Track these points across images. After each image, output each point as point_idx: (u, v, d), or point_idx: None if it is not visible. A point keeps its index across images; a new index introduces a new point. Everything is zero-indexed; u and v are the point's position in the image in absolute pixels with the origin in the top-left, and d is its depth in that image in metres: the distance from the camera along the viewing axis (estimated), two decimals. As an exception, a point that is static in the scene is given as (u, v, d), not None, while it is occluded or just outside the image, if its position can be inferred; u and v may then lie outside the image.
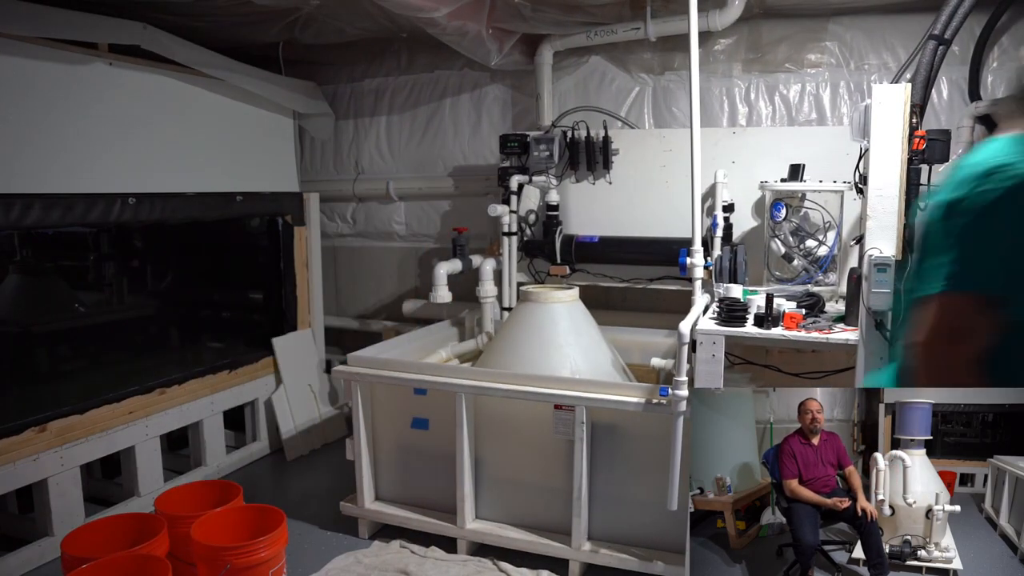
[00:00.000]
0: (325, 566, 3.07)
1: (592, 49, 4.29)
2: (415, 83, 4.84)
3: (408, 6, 3.28)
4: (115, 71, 3.48)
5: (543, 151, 3.95)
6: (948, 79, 3.72)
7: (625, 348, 3.64)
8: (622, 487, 2.94)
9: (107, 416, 3.42)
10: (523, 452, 3.09)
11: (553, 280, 4.07)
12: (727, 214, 3.58)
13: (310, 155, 5.19)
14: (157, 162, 3.69)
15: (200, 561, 2.50)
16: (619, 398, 2.78)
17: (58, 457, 3.18)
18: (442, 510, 3.24)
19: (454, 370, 3.18)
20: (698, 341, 2.66)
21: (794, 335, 2.59)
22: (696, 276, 3.00)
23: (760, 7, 3.87)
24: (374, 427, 3.36)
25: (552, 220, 4.04)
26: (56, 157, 3.21)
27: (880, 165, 2.39)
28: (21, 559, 3.07)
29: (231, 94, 4.13)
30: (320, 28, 4.18)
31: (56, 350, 4.15)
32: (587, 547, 2.95)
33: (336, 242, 5.24)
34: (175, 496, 2.94)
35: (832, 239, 3.15)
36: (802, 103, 4.00)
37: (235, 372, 4.19)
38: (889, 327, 2.41)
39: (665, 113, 4.24)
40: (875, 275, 2.32)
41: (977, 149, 1.33)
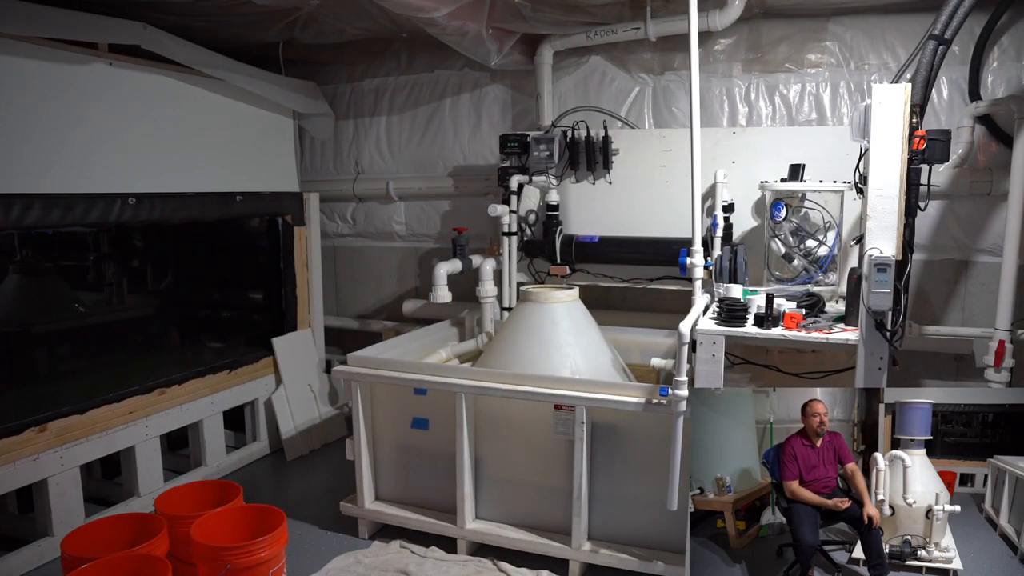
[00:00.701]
0: (325, 566, 3.07)
1: (592, 49, 4.30)
2: (415, 83, 4.84)
3: (408, 6, 3.28)
4: (115, 71, 3.48)
5: (543, 151, 3.95)
6: (948, 79, 3.72)
7: (625, 348, 3.64)
8: (622, 487, 2.93)
9: (107, 416, 3.42)
10: (523, 452, 3.09)
11: (553, 280, 4.07)
12: (727, 214, 3.58)
13: (310, 155, 5.19)
14: (157, 162, 3.69)
15: (200, 561, 2.50)
16: (619, 398, 2.78)
17: (58, 457, 3.18)
18: (442, 510, 3.24)
19: (454, 370, 3.18)
20: (698, 341, 2.66)
21: (794, 335, 2.59)
22: (696, 276, 3.00)
23: (760, 7, 3.87)
24: (374, 427, 3.36)
25: (552, 220, 4.04)
26: (56, 157, 3.21)
27: (880, 165, 2.39)
28: (21, 559, 3.07)
29: (231, 94, 4.13)
30: (320, 28, 4.19)
31: (56, 350, 4.15)
32: (587, 547, 2.94)
33: (336, 242, 5.24)
34: (175, 496, 2.94)
35: (832, 239, 3.15)
36: (802, 103, 4.00)
37: (235, 372, 4.19)
38: (890, 327, 2.41)
39: (665, 113, 4.24)
40: (875, 275, 2.32)
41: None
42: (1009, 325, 3.30)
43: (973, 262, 3.80)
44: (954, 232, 3.78)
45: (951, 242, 3.81)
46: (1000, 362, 3.28)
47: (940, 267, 3.86)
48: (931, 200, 3.19)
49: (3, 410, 3.10)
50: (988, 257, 3.74)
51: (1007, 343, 3.28)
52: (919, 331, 3.71)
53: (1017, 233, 3.26)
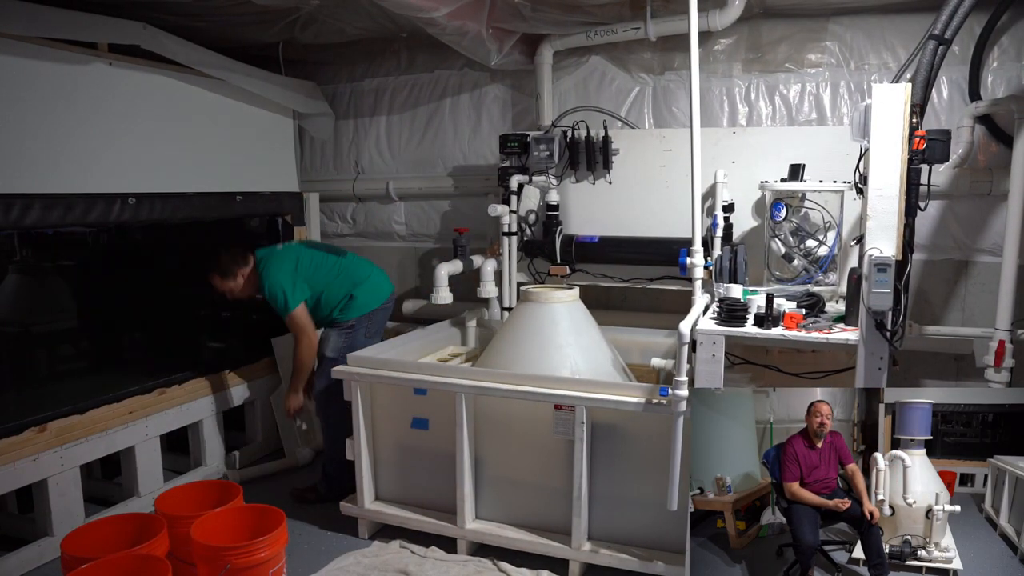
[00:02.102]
0: (325, 566, 3.07)
1: (592, 49, 4.29)
2: (415, 83, 4.84)
3: (408, 6, 3.28)
4: (115, 71, 3.48)
5: (543, 151, 3.95)
6: (948, 79, 3.72)
7: (625, 348, 3.63)
8: (622, 487, 2.93)
9: (107, 416, 3.42)
10: (523, 452, 3.08)
11: (553, 280, 4.07)
12: (727, 214, 3.58)
13: (310, 155, 5.19)
14: (157, 162, 3.69)
15: (200, 561, 2.50)
16: (619, 398, 2.78)
17: (58, 457, 3.18)
18: (442, 510, 3.24)
19: (454, 370, 3.18)
20: (698, 341, 2.66)
21: (794, 335, 2.59)
22: (696, 276, 2.99)
23: (760, 7, 3.87)
24: (374, 427, 3.36)
25: (552, 220, 4.04)
26: (56, 157, 3.21)
27: (880, 165, 2.39)
28: (21, 559, 3.07)
29: (231, 94, 4.13)
30: (320, 28, 4.19)
31: (56, 350, 4.15)
32: (587, 547, 2.94)
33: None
34: (175, 496, 2.94)
35: (832, 239, 3.15)
36: (802, 103, 4.00)
37: (235, 372, 4.19)
38: (890, 327, 2.41)
39: (665, 113, 4.24)
40: (875, 275, 2.32)
41: None
42: (1009, 325, 3.30)
43: (973, 262, 3.80)
44: (954, 232, 3.78)
45: (951, 242, 3.81)
46: (1000, 362, 3.28)
47: (940, 267, 3.86)
48: (931, 200, 3.18)
49: (3, 410, 3.10)
50: (988, 257, 3.74)
51: (1007, 343, 3.28)
52: (919, 331, 3.71)
53: (1017, 233, 3.26)
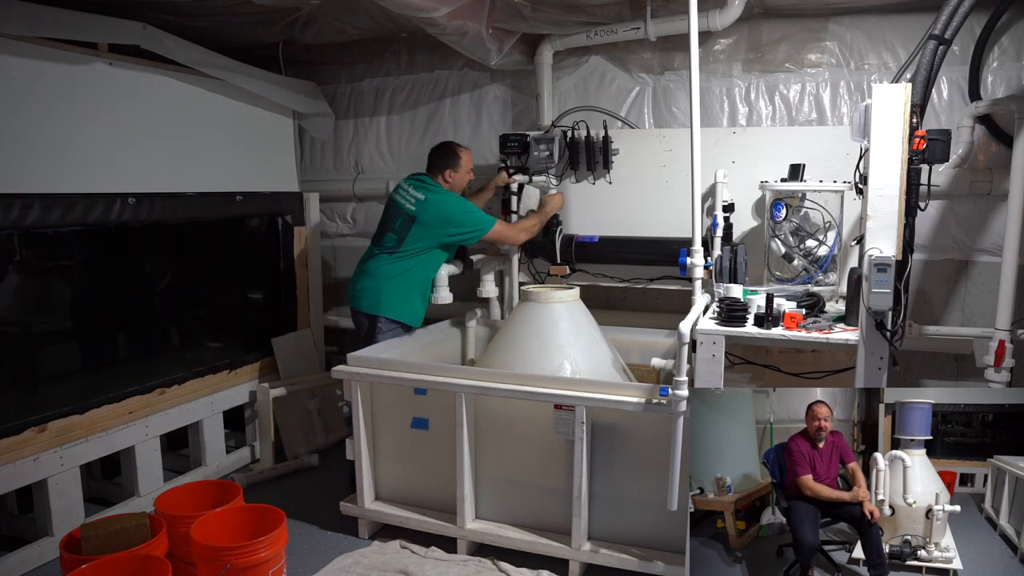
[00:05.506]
0: (325, 566, 3.07)
1: (592, 49, 4.29)
2: (415, 83, 4.83)
3: (408, 6, 3.27)
4: (115, 71, 3.48)
5: (543, 151, 3.95)
6: (948, 79, 3.72)
7: (625, 348, 3.63)
8: (622, 487, 2.93)
9: (107, 416, 3.42)
10: (523, 452, 3.08)
11: (553, 280, 4.07)
12: (727, 214, 3.58)
13: (310, 155, 5.19)
14: (157, 162, 3.69)
15: (200, 561, 2.50)
16: (619, 398, 2.78)
17: (58, 457, 3.18)
18: (442, 510, 3.24)
19: (454, 370, 3.17)
20: (698, 341, 2.66)
21: (794, 335, 2.59)
22: (696, 276, 3.00)
23: (760, 7, 3.86)
24: (374, 427, 3.36)
25: (552, 220, 4.04)
26: (56, 157, 3.21)
27: (880, 165, 2.39)
28: (21, 559, 3.07)
29: (231, 94, 4.13)
30: (320, 28, 4.18)
31: (56, 350, 4.14)
32: (587, 547, 2.94)
33: (336, 242, 5.23)
34: (175, 496, 2.94)
35: (832, 239, 3.15)
36: (802, 103, 4.00)
37: (235, 372, 4.19)
38: (890, 327, 2.41)
39: (665, 113, 4.24)
40: (875, 275, 2.32)
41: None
42: (1009, 325, 3.30)
43: (973, 262, 3.80)
44: (954, 232, 3.78)
45: (951, 242, 3.80)
46: (1000, 362, 3.28)
47: (940, 267, 3.86)
48: (931, 200, 3.18)
49: (3, 410, 3.09)
50: (988, 257, 3.74)
51: (1007, 343, 3.28)
52: (919, 331, 3.71)
53: (1017, 233, 3.26)
